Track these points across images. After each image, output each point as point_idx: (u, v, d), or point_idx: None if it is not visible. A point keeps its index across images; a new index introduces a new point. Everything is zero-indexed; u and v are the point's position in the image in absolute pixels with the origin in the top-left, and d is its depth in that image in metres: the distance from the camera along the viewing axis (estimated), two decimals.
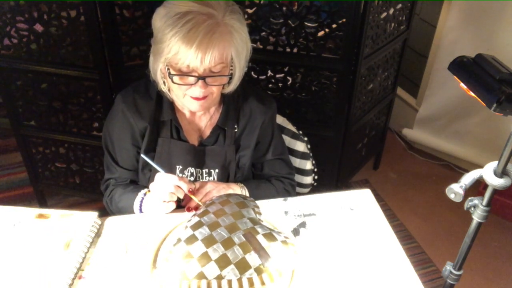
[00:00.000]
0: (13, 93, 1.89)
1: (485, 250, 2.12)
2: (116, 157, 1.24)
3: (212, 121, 1.24)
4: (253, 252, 0.89)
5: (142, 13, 1.68)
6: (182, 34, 1.00)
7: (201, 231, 0.92)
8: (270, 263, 0.89)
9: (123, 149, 1.22)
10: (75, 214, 1.07)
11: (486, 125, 2.39)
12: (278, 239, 0.93)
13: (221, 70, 1.07)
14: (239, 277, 0.86)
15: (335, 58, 1.83)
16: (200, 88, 1.06)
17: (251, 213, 0.98)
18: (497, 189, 0.91)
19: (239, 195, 1.05)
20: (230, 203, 1.00)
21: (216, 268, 0.86)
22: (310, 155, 1.46)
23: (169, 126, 1.20)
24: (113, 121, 1.21)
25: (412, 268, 1.01)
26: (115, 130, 1.21)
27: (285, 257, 0.91)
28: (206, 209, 0.99)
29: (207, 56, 1.01)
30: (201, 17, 1.01)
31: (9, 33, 1.74)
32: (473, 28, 2.26)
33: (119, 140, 1.21)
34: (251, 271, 0.87)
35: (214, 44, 1.01)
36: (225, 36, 1.03)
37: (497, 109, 0.81)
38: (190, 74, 1.05)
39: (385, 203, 2.37)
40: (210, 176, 1.25)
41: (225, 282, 0.86)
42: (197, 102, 1.10)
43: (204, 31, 1.00)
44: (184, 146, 1.21)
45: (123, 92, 1.20)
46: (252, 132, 1.25)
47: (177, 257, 0.90)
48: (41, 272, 0.94)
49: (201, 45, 1.00)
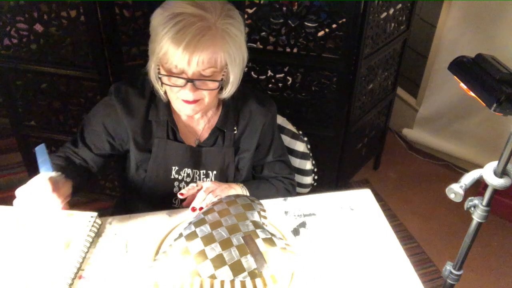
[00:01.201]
0: (13, 93, 1.89)
1: (485, 250, 2.12)
2: (85, 135, 1.21)
3: (210, 124, 1.23)
4: (250, 255, 0.88)
5: (142, 13, 1.68)
6: (171, 34, 0.99)
7: (203, 228, 0.93)
8: (265, 269, 0.88)
9: (95, 131, 1.20)
10: (75, 214, 1.07)
11: (486, 125, 2.39)
12: (277, 245, 0.92)
13: (212, 75, 1.05)
14: (232, 279, 0.86)
15: (335, 58, 1.84)
16: (189, 91, 1.05)
17: (255, 216, 0.98)
18: (497, 189, 0.91)
19: (248, 197, 1.04)
20: (237, 204, 0.99)
21: (211, 267, 0.87)
22: (310, 155, 1.46)
23: (165, 126, 1.19)
24: (100, 107, 1.20)
25: (412, 268, 1.01)
26: (97, 114, 1.20)
27: (282, 264, 0.90)
28: (212, 208, 0.99)
29: (195, 58, 1.00)
30: (192, 19, 1.00)
31: (9, 33, 1.74)
32: (473, 28, 2.26)
33: (96, 123, 1.19)
34: (245, 274, 0.86)
35: (202, 46, 1.00)
36: (216, 40, 1.02)
37: (497, 109, 0.81)
38: (179, 75, 1.04)
39: (385, 203, 2.37)
40: (208, 177, 1.24)
41: (218, 282, 0.86)
42: (188, 105, 1.09)
43: (192, 33, 0.99)
44: (180, 147, 1.20)
45: (117, 85, 1.18)
46: (253, 134, 1.25)
47: (176, 252, 0.90)
48: (41, 272, 0.94)
49: (189, 46, 0.99)
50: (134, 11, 1.67)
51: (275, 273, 0.89)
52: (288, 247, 0.94)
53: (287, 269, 0.92)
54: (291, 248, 0.94)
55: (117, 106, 1.16)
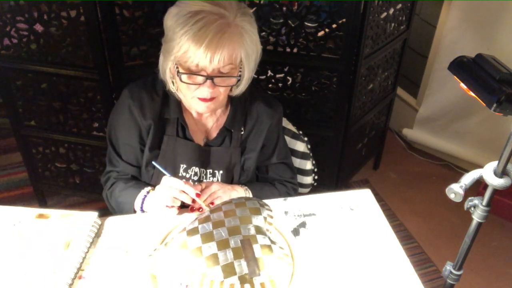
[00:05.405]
0: (13, 93, 1.89)
1: (485, 250, 2.12)
2: (120, 151, 1.23)
3: (219, 123, 1.24)
4: (243, 260, 0.88)
5: (142, 13, 1.68)
6: (193, 33, 1.00)
7: (205, 226, 0.93)
8: (256, 276, 0.87)
9: (127, 145, 1.22)
10: (75, 214, 1.07)
11: (486, 125, 2.39)
12: (274, 253, 0.92)
13: (229, 71, 1.07)
14: (222, 280, 0.86)
15: (335, 58, 1.83)
16: (208, 88, 1.06)
17: (259, 221, 0.97)
18: (497, 189, 0.91)
19: (259, 202, 1.04)
20: (244, 206, 0.99)
21: (204, 266, 0.87)
22: (310, 155, 1.46)
23: (175, 124, 1.20)
24: (119, 116, 1.20)
25: (412, 268, 1.01)
26: (120, 125, 1.21)
27: (275, 272, 0.90)
28: (220, 207, 0.99)
29: (216, 56, 1.01)
30: (212, 17, 1.01)
31: (9, 33, 1.74)
32: (473, 28, 2.26)
33: (123, 136, 1.21)
34: (235, 278, 0.86)
35: (223, 44, 1.01)
36: (235, 37, 1.03)
37: (497, 109, 0.81)
38: (199, 73, 1.05)
39: (385, 203, 2.37)
40: (214, 176, 1.25)
41: (207, 281, 0.86)
42: (204, 103, 1.11)
43: (214, 31, 1.00)
44: (189, 145, 1.21)
45: (130, 87, 1.19)
46: (259, 135, 1.26)
47: (175, 244, 0.91)
48: (41, 272, 0.94)
49: (211, 44, 1.00)
50: (134, 11, 1.67)
51: (265, 281, 0.88)
52: (286, 257, 0.93)
53: (281, 278, 0.91)
54: (289, 259, 0.94)
55: (135, 111, 1.17)
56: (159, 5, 1.67)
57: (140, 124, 1.18)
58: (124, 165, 1.24)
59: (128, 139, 1.21)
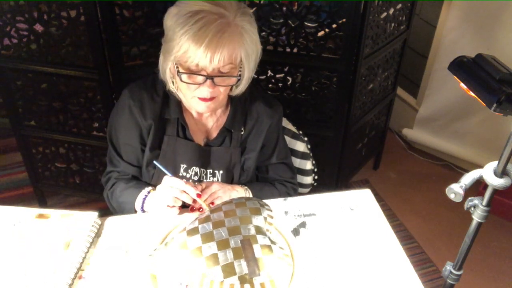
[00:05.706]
0: (13, 93, 1.89)
1: (485, 250, 2.12)
2: (120, 151, 1.24)
3: (219, 123, 1.24)
4: (243, 260, 0.88)
5: (142, 13, 1.68)
6: (192, 33, 1.00)
7: (205, 226, 0.93)
8: (256, 276, 0.87)
9: (128, 145, 1.22)
10: (75, 214, 1.07)
11: (486, 125, 2.39)
12: (274, 253, 0.92)
13: (229, 71, 1.07)
14: (222, 280, 0.86)
15: (335, 58, 1.83)
16: (208, 88, 1.06)
17: (259, 221, 0.97)
18: (497, 189, 0.91)
19: (259, 201, 1.04)
20: (245, 206, 0.99)
21: (204, 265, 0.87)
22: (310, 155, 1.46)
23: (175, 124, 1.20)
24: (119, 116, 1.20)
25: (412, 268, 1.01)
26: (120, 126, 1.21)
27: (275, 272, 0.90)
28: (220, 207, 0.99)
29: (216, 56, 1.01)
30: (212, 16, 1.01)
31: (9, 33, 1.74)
32: (473, 28, 2.26)
33: (124, 136, 1.21)
34: (235, 278, 0.86)
35: (223, 43, 1.01)
36: (235, 37, 1.03)
37: (497, 109, 0.81)
38: (199, 73, 1.05)
39: (385, 203, 2.37)
40: (214, 176, 1.25)
41: (207, 281, 0.86)
42: (204, 103, 1.11)
43: (214, 30, 1.00)
44: (190, 145, 1.21)
45: (131, 87, 1.19)
46: (259, 135, 1.26)
47: (175, 244, 0.91)
48: (41, 272, 0.94)
49: (211, 44, 1.00)
50: (134, 11, 1.67)
51: (265, 281, 0.88)
52: (286, 258, 0.93)
53: (281, 278, 0.91)
54: (289, 259, 0.94)
55: (135, 111, 1.17)
56: (159, 5, 1.67)
57: (140, 124, 1.18)
58: (125, 165, 1.24)
59: (128, 139, 1.21)
